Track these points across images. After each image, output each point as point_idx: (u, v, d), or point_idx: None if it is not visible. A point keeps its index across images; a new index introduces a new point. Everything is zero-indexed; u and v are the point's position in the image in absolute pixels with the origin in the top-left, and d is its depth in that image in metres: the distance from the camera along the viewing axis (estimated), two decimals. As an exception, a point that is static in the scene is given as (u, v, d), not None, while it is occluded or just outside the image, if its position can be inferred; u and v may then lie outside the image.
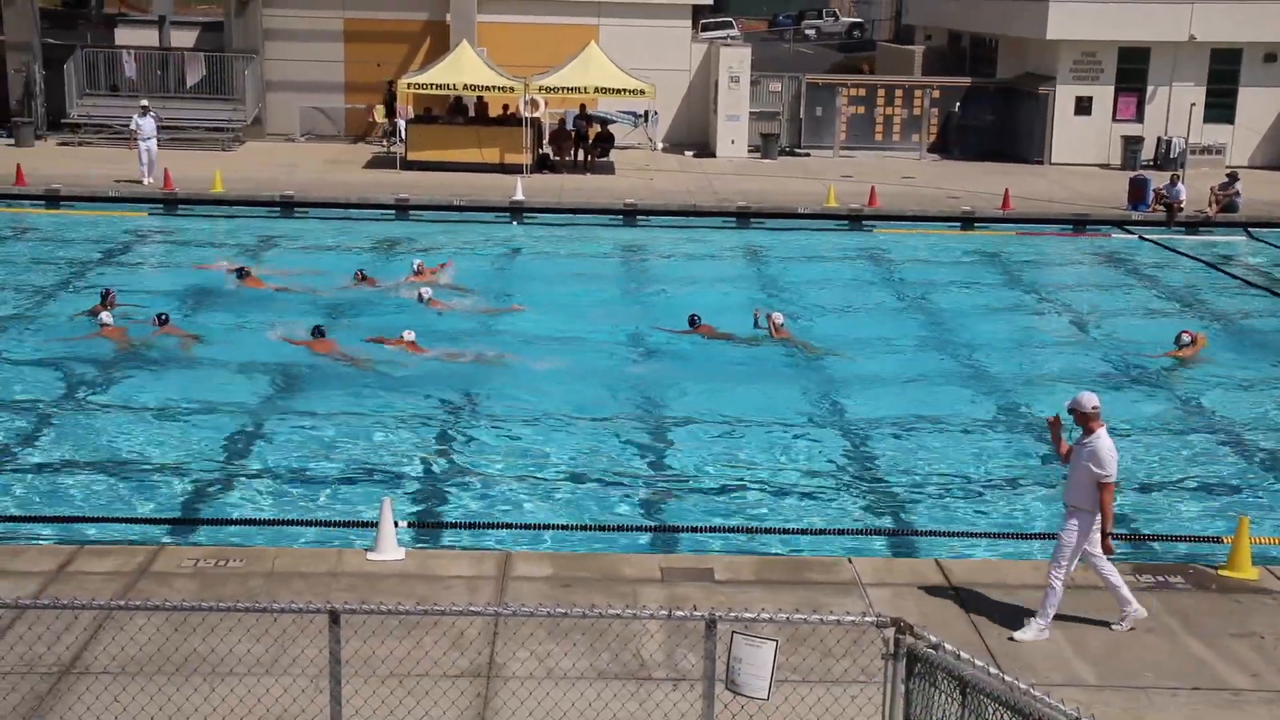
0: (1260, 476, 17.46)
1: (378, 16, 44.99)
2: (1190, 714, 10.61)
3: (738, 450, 17.95)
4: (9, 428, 18.02)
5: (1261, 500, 16.51)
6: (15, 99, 43.71)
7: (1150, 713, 10.54)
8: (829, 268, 29.98)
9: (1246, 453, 18.28)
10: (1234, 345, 23.98)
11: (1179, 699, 10.84)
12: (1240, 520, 13.61)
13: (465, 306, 25.00)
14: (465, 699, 10.44)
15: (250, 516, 15.21)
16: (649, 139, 44.39)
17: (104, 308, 22.96)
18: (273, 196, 34.42)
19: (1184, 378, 21.70)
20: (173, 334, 22.23)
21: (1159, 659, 11.51)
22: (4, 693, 10.40)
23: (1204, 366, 22.25)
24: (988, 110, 45.36)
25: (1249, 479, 17.34)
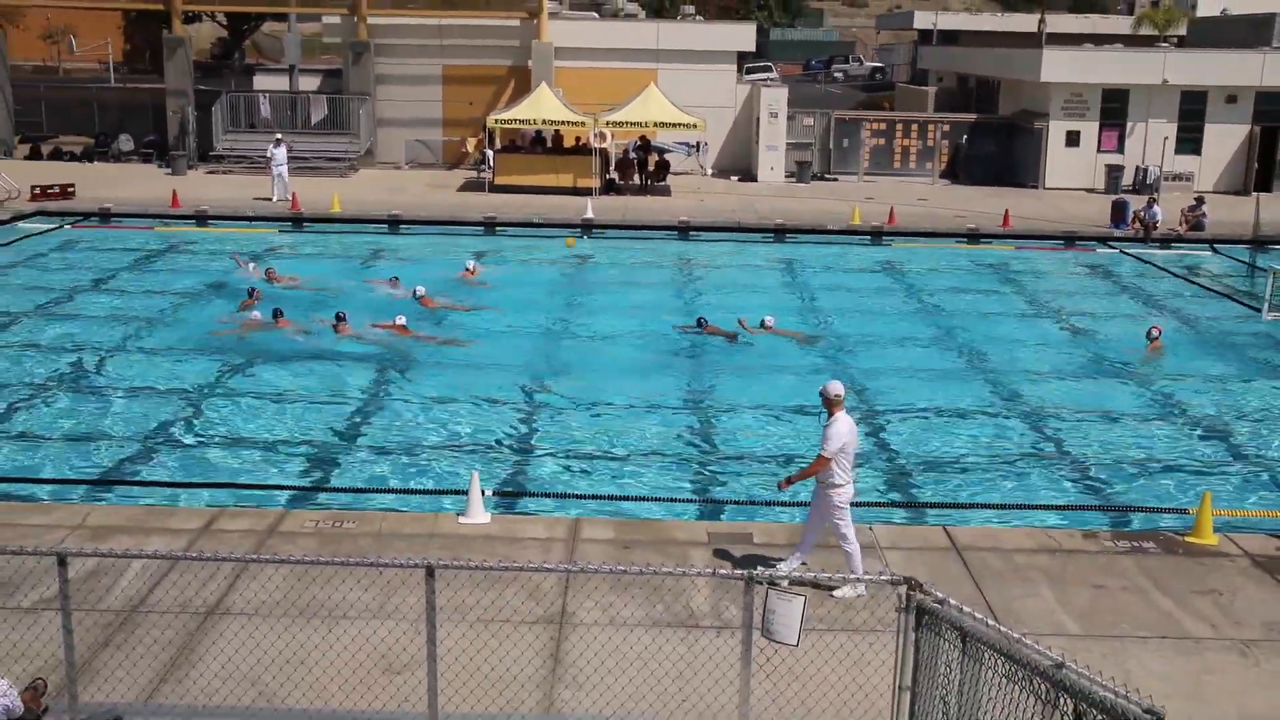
0: (1221, 457, 17.20)
1: (471, 63, 45.20)
2: (1160, 659, 10.51)
3: (773, 431, 17.88)
4: (166, 408, 18.24)
5: (1221, 477, 16.27)
6: (172, 136, 44.32)
7: (1126, 659, 10.43)
8: (853, 276, 29.82)
9: (1209, 436, 18.01)
10: (1198, 343, 23.64)
11: (1149, 646, 10.73)
12: (1204, 495, 13.45)
13: (449, 305, 24.91)
14: (540, 642, 10.47)
15: (361, 485, 15.31)
16: (700, 166, 44.37)
17: (251, 303, 23.49)
18: (381, 215, 34.57)
19: (1155, 372, 21.41)
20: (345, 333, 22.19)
21: (1133, 612, 11.39)
22: (162, 628, 10.57)
23: (1172, 361, 21.96)
24: (991, 142, 45.02)
25: (1211, 459, 17.08)
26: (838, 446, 11.40)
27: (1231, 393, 20.29)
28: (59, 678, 9.04)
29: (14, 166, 39.88)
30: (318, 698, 9.36)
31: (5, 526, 12.78)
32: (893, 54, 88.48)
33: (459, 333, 22.95)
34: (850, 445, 11.53)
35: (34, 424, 17.51)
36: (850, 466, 11.60)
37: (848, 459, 11.53)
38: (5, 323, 22.88)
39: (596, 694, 9.45)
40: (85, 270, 28.00)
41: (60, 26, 71.91)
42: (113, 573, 11.51)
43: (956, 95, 54.84)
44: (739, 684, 8.37)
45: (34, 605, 10.78)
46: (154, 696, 9.54)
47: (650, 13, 68.12)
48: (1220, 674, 10.34)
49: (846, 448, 11.49)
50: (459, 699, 9.06)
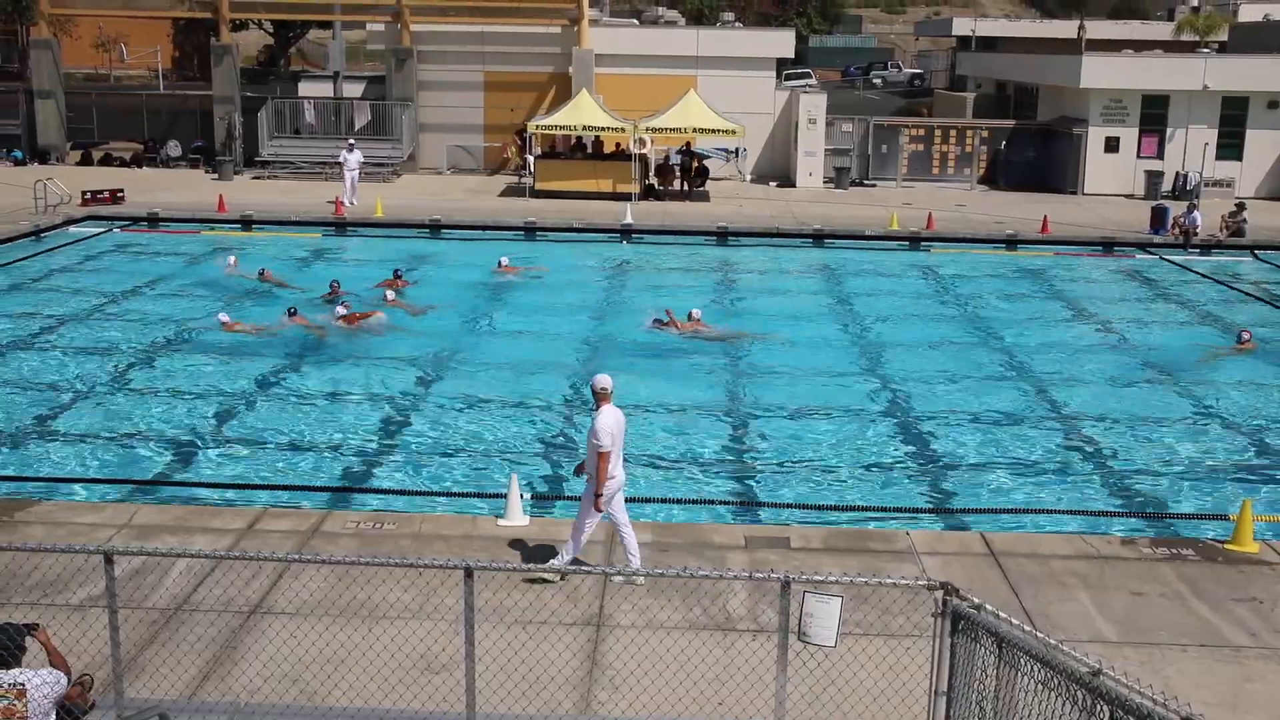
0: (1261, 463, 16.98)
1: (512, 70, 45.35)
2: (1198, 667, 10.36)
3: (813, 435, 17.80)
4: (210, 411, 18.38)
5: (1263, 484, 16.06)
6: (219, 141, 44.73)
7: (1164, 666, 10.30)
8: (891, 281, 29.67)
9: (1249, 443, 17.78)
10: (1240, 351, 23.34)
11: (1188, 654, 10.58)
12: (1244, 502, 13.28)
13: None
14: (578, 644, 10.46)
15: (402, 488, 15.36)
16: (739, 172, 44.29)
17: (332, 298, 24.31)
18: (423, 220, 34.70)
19: (1196, 378, 21.16)
20: (301, 324, 22.96)
21: (1171, 619, 11.24)
22: (206, 626, 10.64)
23: (1213, 368, 21.70)
24: (1029, 148, 44.68)
25: (1253, 466, 16.86)
26: (607, 440, 11.40)
27: (1273, 399, 20.03)
28: (105, 674, 9.12)
29: (66, 172, 40.35)
30: (357, 696, 9.39)
31: (56, 525, 12.93)
32: (931, 60, 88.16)
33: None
34: (618, 437, 11.58)
35: (84, 424, 17.70)
36: (619, 458, 11.63)
37: (615, 451, 11.57)
38: (56, 324, 23.13)
39: (633, 696, 9.44)
40: (134, 274, 28.29)
41: (111, 35, 72.78)
42: (158, 571, 11.61)
43: (995, 101, 54.52)
44: (775, 687, 8.33)
45: (82, 602, 10.89)
46: (197, 693, 9.60)
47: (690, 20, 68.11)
48: (1260, 682, 10.19)
49: (615, 439, 11.52)
50: (496, 699, 9.06)
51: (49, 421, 17.80)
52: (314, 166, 42.95)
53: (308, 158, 43.35)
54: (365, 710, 9.24)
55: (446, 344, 22.45)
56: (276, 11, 53.68)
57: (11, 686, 8.09)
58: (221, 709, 9.27)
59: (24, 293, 26.21)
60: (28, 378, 19.92)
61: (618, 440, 11.51)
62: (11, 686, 8.09)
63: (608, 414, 11.51)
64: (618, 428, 11.53)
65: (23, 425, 17.55)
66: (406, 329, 23.30)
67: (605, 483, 11.46)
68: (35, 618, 9.00)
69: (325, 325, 23.03)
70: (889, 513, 14.72)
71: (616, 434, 11.49)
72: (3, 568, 11.20)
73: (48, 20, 46.95)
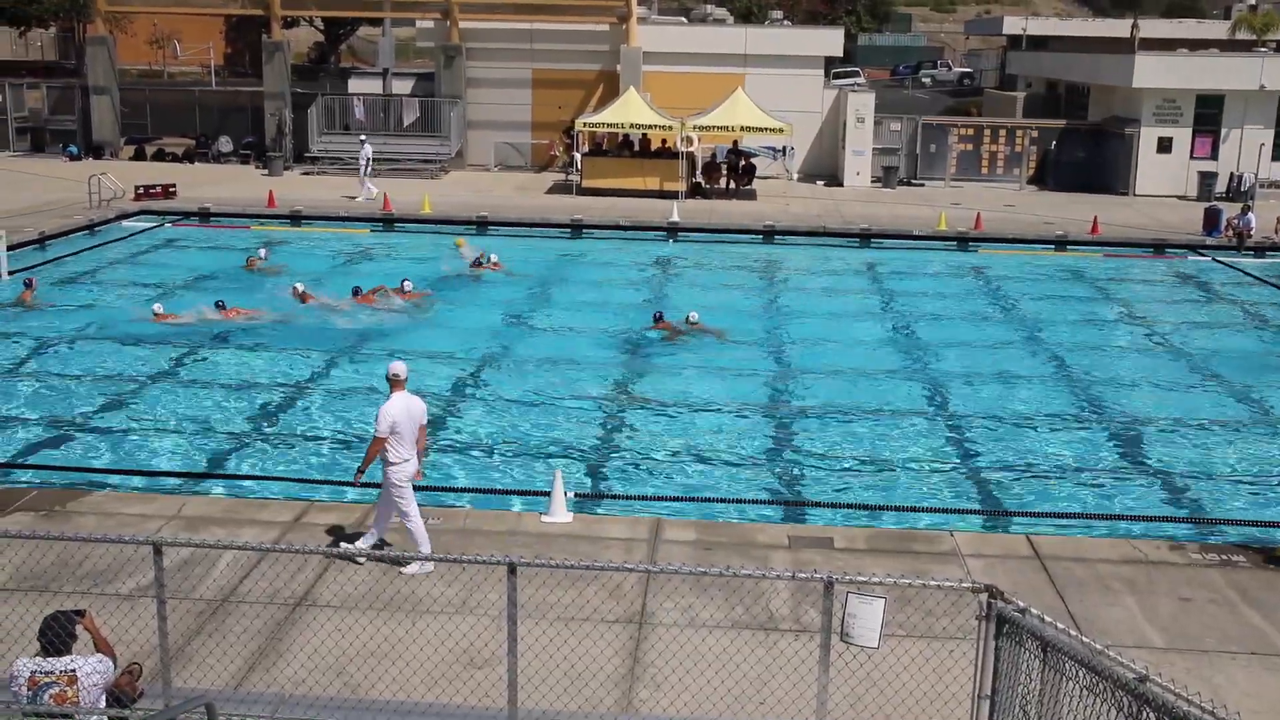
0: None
1: (560, 68, 45.44)
2: (1247, 675, 10.22)
3: (859, 436, 17.72)
4: (262, 403, 18.56)
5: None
6: (269, 137, 45.14)
7: (1212, 674, 10.17)
8: (939, 281, 29.49)
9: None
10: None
11: (1237, 662, 10.44)
12: (1298, 509, 13.11)
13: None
14: (620, 641, 10.48)
15: (446, 484, 15.43)
16: (786, 170, 44.18)
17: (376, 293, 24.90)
18: (470, 216, 34.83)
19: (1249, 382, 20.85)
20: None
21: (1221, 626, 11.09)
22: (252, 618, 10.74)
23: (1266, 372, 21.41)
24: (1080, 148, 44.25)
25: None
26: (387, 426, 11.53)
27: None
28: (153, 663, 9.23)
29: (119, 167, 40.86)
30: (400, 690, 9.45)
31: (107, 515, 13.10)
32: (981, 59, 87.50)
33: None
34: (403, 424, 11.63)
35: (136, 416, 17.92)
36: (408, 445, 11.69)
37: (401, 438, 11.61)
38: (109, 319, 23.41)
39: (675, 694, 9.44)
40: (184, 267, 28.60)
41: (166, 32, 73.58)
42: (205, 563, 11.74)
43: (1045, 101, 54.05)
44: (817, 688, 8.30)
45: (131, 592, 11.02)
46: (243, 684, 9.70)
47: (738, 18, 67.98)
48: (1311, 692, 10.05)
49: (398, 426, 11.57)
50: (538, 695, 9.09)
51: (101, 414, 18.03)
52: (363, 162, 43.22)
53: (357, 154, 43.60)
54: (408, 704, 9.29)
55: (494, 339, 22.54)
56: (327, 8, 54.08)
57: (63, 673, 8.23)
58: (266, 700, 9.35)
59: (77, 286, 26.56)
60: (81, 370, 20.18)
61: (405, 428, 11.66)
62: (63, 673, 8.23)
63: (395, 401, 11.74)
64: (404, 415, 11.68)
65: (76, 417, 17.79)
66: (453, 323, 23.44)
67: (369, 464, 11.78)
68: (86, 607, 9.12)
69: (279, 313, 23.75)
70: (933, 514, 14.63)
71: (402, 421, 11.64)
72: (55, 557, 11.38)
73: (104, 17, 47.54)
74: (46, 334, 22.17)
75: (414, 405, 11.85)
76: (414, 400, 11.91)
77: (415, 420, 11.82)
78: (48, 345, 21.59)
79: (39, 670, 8.21)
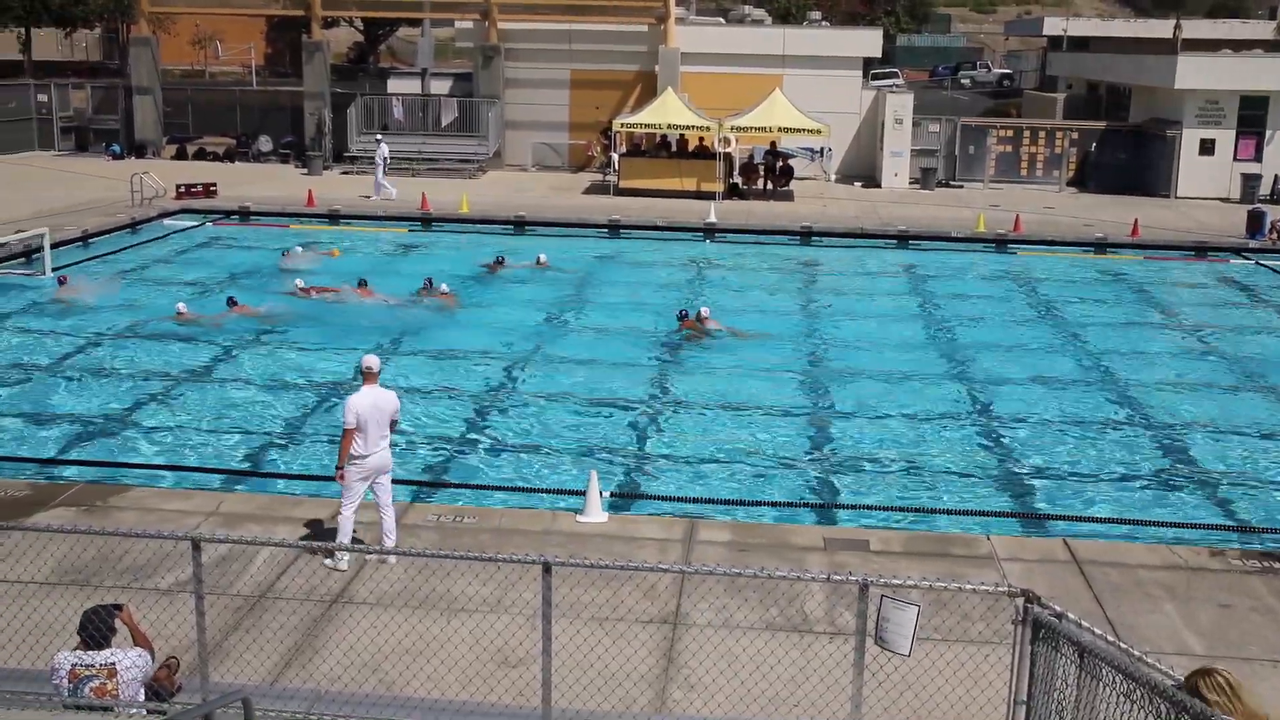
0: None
1: (598, 68, 45.48)
2: (1290, 685, 10.10)
3: (895, 438, 17.64)
4: (301, 400, 18.69)
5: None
6: (309, 137, 45.44)
7: (1255, 682, 10.01)
8: (976, 283, 29.32)
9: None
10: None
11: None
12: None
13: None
14: (654, 641, 10.48)
15: (482, 483, 15.47)
16: (824, 171, 44.04)
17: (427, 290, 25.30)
18: (508, 216, 34.94)
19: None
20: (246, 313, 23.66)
21: (1263, 634, 10.96)
22: (288, 614, 10.81)
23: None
24: (1120, 150, 43.84)
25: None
26: (352, 418, 11.62)
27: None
28: (191, 657, 9.31)
29: (161, 166, 41.23)
30: (435, 688, 9.49)
31: (147, 511, 13.22)
32: (1021, 60, 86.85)
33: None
34: (369, 417, 11.65)
35: (176, 413, 18.08)
36: (371, 439, 11.74)
37: (364, 433, 11.66)
38: (151, 316, 23.63)
39: (708, 695, 9.43)
40: (223, 266, 28.83)
41: (208, 32, 74.29)
42: (243, 559, 11.82)
43: (1086, 102, 53.57)
44: (851, 691, 8.27)
45: (170, 587, 11.13)
46: (279, 680, 9.76)
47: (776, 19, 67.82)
48: (1353, 701, 9.91)
49: (363, 420, 11.63)
50: (572, 694, 9.10)
51: (142, 410, 18.21)
52: (401, 162, 43.43)
53: (395, 153, 43.80)
54: (443, 702, 9.33)
55: (529, 339, 22.61)
56: (367, 9, 54.39)
57: (103, 666, 8.32)
58: (302, 696, 9.41)
59: (121, 284, 26.80)
60: (123, 367, 20.38)
61: (370, 421, 11.70)
62: (103, 666, 8.32)
63: (362, 394, 11.81)
64: (370, 409, 11.72)
65: (117, 413, 17.97)
66: (488, 322, 23.53)
67: (345, 458, 11.82)
68: (125, 601, 9.21)
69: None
70: (970, 517, 14.54)
71: (367, 415, 11.69)
72: (96, 552, 11.50)
73: (148, 18, 48.03)
74: (84, 330, 22.41)
75: (383, 399, 11.88)
76: (383, 394, 11.94)
77: (384, 414, 11.84)
78: (85, 341, 21.83)
79: (80, 663, 8.30)
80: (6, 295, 25.29)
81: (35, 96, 48.81)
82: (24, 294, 25.37)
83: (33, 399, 18.61)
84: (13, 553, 11.26)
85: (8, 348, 21.36)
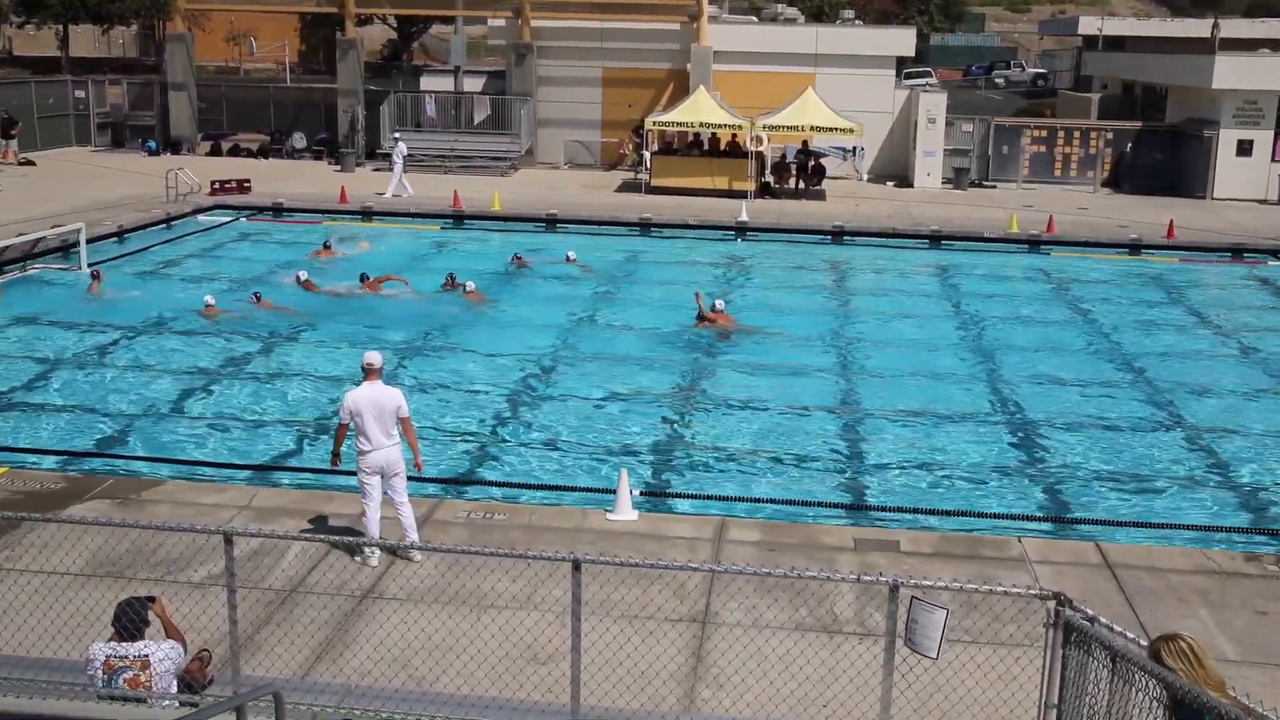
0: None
1: (631, 66, 45.48)
2: (1325, 692, 9.99)
3: (926, 439, 17.57)
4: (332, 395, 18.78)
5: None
6: (342, 134, 45.66)
7: (1289, 690, 9.96)
8: (1009, 284, 29.15)
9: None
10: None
11: (1315, 678, 10.22)
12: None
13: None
14: (683, 640, 10.48)
15: (512, 480, 15.51)
16: (856, 171, 43.89)
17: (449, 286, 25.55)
18: (539, 214, 34.99)
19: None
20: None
21: (1298, 640, 10.87)
22: (319, 609, 10.87)
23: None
24: (1156, 150, 43.45)
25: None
26: (345, 413, 11.88)
27: None
28: (223, 651, 9.38)
29: (196, 162, 41.54)
30: (464, 684, 9.52)
31: (180, 504, 13.33)
32: (1055, 60, 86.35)
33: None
34: (366, 413, 11.72)
35: (211, 407, 18.21)
36: (374, 434, 11.76)
37: (365, 427, 11.75)
38: (182, 310, 23.81)
39: (737, 694, 9.42)
40: (259, 261, 29.01)
41: (242, 29, 74.74)
42: (275, 553, 11.90)
43: (1121, 102, 53.18)
44: (880, 692, 8.25)
45: (203, 581, 11.21)
46: (310, 674, 9.82)
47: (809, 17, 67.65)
48: (1390, 709, 9.79)
49: (360, 414, 11.74)
50: (601, 692, 9.11)
51: (176, 403, 18.35)
52: (434, 159, 43.61)
53: (428, 151, 44.00)
54: (472, 698, 9.36)
55: (559, 336, 22.65)
56: (401, 6, 54.63)
57: (137, 658, 8.39)
58: (333, 690, 9.46)
59: (155, 279, 27.04)
60: (156, 361, 20.55)
61: (369, 417, 11.75)
62: (137, 658, 8.39)
63: (360, 389, 11.91)
64: (368, 405, 11.79)
65: (152, 407, 18.11)
66: (520, 320, 23.59)
67: (336, 449, 12.15)
68: (158, 594, 9.29)
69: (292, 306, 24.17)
70: (1001, 519, 14.46)
71: (365, 410, 11.76)
72: (130, 544, 11.61)
73: (183, 15, 48.36)
74: (118, 324, 22.60)
75: (383, 395, 11.91)
76: (383, 390, 11.96)
77: (384, 410, 11.85)
78: (119, 335, 22.01)
79: (114, 654, 8.37)
80: (43, 290, 25.55)
81: (73, 93, 49.24)
82: (59, 289, 25.62)
83: (68, 392, 18.79)
84: (49, 544, 11.39)
85: (44, 342, 21.57)
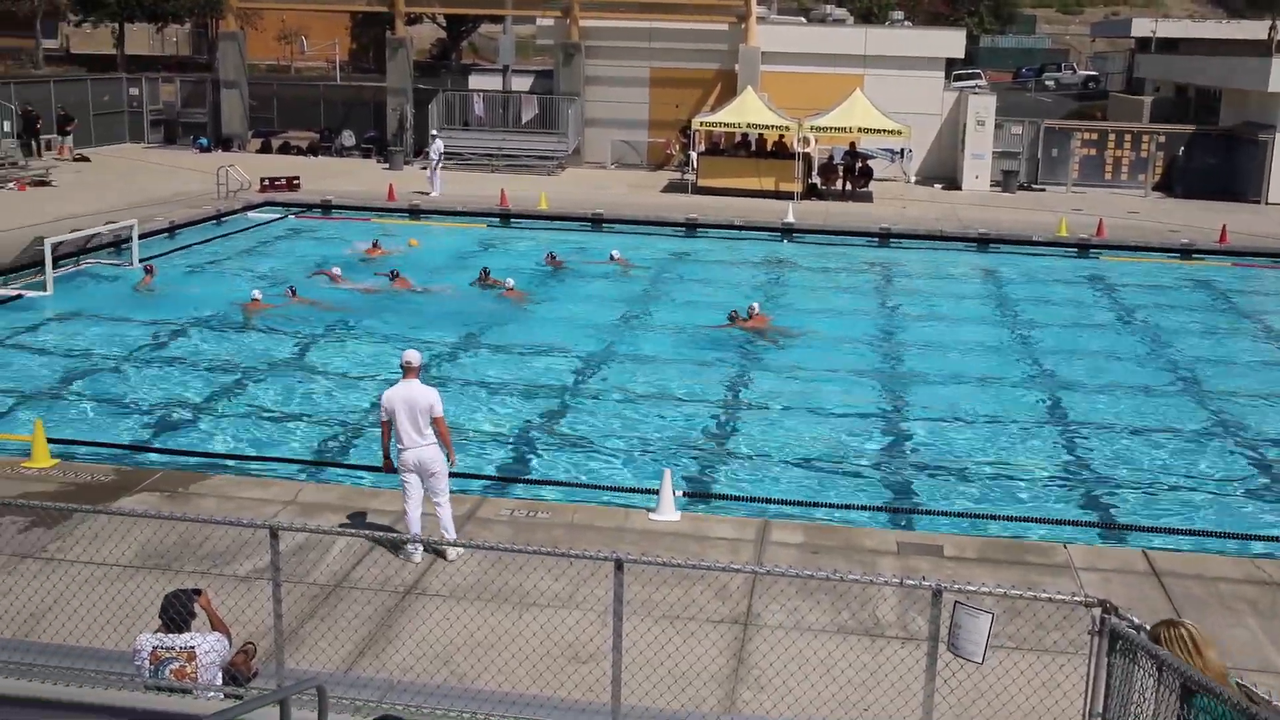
0: None
1: (678, 66, 45.50)
2: (1376, 706, 9.81)
3: (973, 442, 17.44)
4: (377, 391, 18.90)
5: None
6: (391, 132, 45.96)
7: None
8: (1057, 288, 28.88)
9: None
10: None
11: (1366, 691, 10.03)
12: None
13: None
14: (725, 641, 10.46)
15: (556, 479, 15.54)
16: (904, 173, 43.64)
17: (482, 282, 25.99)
18: (586, 213, 35.06)
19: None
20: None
21: (1349, 653, 10.69)
22: (362, 604, 10.95)
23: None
24: (1209, 154, 42.91)
25: None
26: (383, 411, 11.95)
27: None
28: (267, 644, 9.46)
29: (246, 160, 41.96)
30: (505, 681, 9.55)
31: (226, 499, 13.46)
32: (1107, 62, 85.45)
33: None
34: (400, 411, 11.74)
35: (260, 402, 18.38)
36: (409, 433, 11.76)
37: (400, 425, 11.78)
38: (230, 305, 24.05)
39: (778, 696, 9.40)
40: (308, 257, 29.25)
41: (294, 28, 75.39)
42: (319, 548, 11.99)
43: (1174, 105, 52.56)
44: (922, 697, 8.20)
45: (248, 574, 11.32)
46: (353, 668, 9.89)
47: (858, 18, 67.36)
48: None
49: (393, 412, 11.79)
50: (641, 692, 9.11)
51: (223, 397, 18.53)
52: (482, 158, 43.80)
53: (476, 149, 44.19)
54: (513, 695, 9.39)
55: (604, 335, 22.68)
56: (450, 5, 54.88)
57: (183, 650, 8.49)
58: (376, 685, 9.52)
59: (204, 274, 27.33)
60: (205, 355, 20.76)
61: (402, 415, 11.78)
62: (183, 650, 8.49)
63: (395, 388, 11.96)
64: (401, 403, 11.80)
65: (200, 402, 18.31)
66: (565, 318, 23.64)
67: (385, 448, 12.11)
68: (204, 586, 9.39)
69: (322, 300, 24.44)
70: (1047, 525, 14.34)
71: (399, 409, 11.78)
72: (177, 537, 11.74)
73: (235, 14, 48.87)
74: (169, 319, 22.86)
75: (416, 394, 11.89)
76: (417, 389, 11.93)
77: (416, 408, 11.84)
78: (170, 329, 22.26)
79: (161, 645, 8.48)
80: (96, 284, 25.89)
81: (127, 90, 49.92)
82: (112, 284, 25.95)
83: (119, 386, 19.03)
84: (99, 535, 11.55)
85: (96, 336, 21.85)
